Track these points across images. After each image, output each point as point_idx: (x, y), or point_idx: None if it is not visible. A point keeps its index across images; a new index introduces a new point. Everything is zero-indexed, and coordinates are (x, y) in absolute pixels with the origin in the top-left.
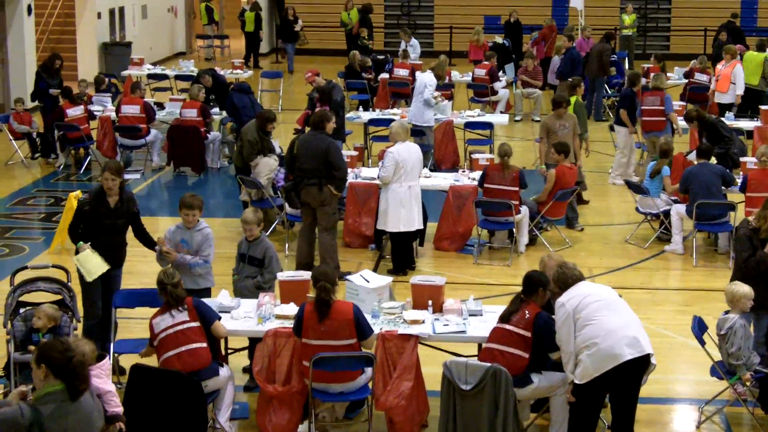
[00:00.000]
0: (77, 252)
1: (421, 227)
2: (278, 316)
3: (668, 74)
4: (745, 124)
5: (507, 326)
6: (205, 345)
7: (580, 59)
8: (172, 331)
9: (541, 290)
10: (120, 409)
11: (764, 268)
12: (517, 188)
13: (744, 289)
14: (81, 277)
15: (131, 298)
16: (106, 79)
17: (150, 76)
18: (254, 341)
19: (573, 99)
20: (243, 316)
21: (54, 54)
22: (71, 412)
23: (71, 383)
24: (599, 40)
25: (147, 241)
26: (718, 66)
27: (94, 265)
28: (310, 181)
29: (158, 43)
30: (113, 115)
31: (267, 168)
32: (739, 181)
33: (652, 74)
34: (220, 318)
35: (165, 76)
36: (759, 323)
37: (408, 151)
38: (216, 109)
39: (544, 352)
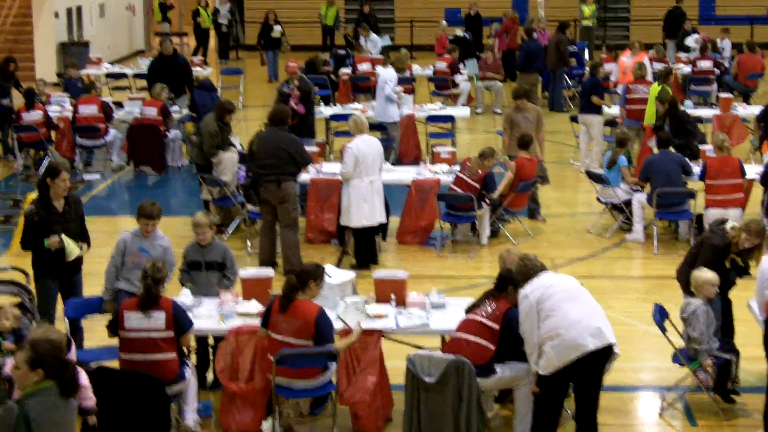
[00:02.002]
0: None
1: (384, 221)
2: (240, 314)
3: None
4: (704, 112)
5: (477, 317)
6: (175, 356)
7: (537, 51)
8: (145, 336)
9: (512, 288)
10: (92, 402)
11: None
12: (478, 186)
13: (708, 275)
14: (38, 286)
15: (80, 308)
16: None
17: (108, 75)
18: (217, 339)
19: (659, 87)
20: (205, 315)
21: (8, 57)
22: (60, 408)
23: (63, 382)
24: (555, 31)
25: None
26: (623, 58)
27: (72, 247)
28: (268, 177)
29: (117, 42)
30: (71, 115)
31: (231, 163)
32: (697, 169)
33: (634, 64)
34: (192, 326)
35: (124, 75)
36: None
37: (367, 145)
38: (176, 107)
39: (511, 345)
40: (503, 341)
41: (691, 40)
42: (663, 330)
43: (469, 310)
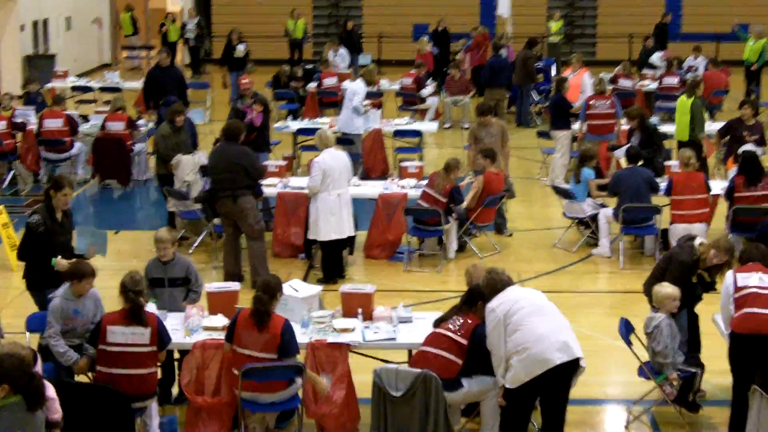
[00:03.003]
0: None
1: (353, 234)
2: (206, 328)
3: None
4: (670, 128)
5: (445, 331)
6: (155, 370)
7: (503, 67)
8: (128, 350)
9: (481, 303)
10: (59, 416)
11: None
12: (445, 200)
13: (668, 290)
14: (37, 298)
15: (43, 322)
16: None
17: (74, 89)
18: (182, 353)
19: (692, 99)
20: (170, 329)
21: None
22: (28, 422)
23: (29, 396)
24: (523, 47)
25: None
26: (566, 74)
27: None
28: (224, 192)
29: (83, 55)
30: (36, 128)
31: (189, 165)
32: (663, 185)
33: (593, 78)
34: (171, 341)
35: (89, 89)
36: (677, 322)
37: (334, 158)
38: (142, 121)
39: (479, 361)
40: (471, 357)
41: (656, 58)
42: (629, 344)
43: (437, 324)
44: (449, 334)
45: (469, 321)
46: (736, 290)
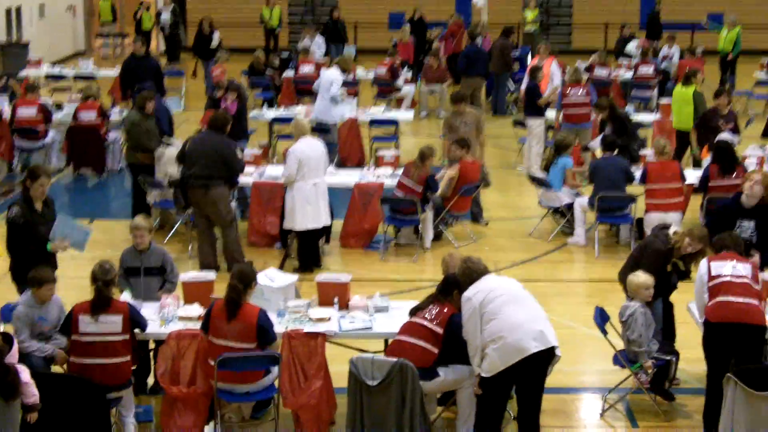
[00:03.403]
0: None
1: (329, 223)
2: (181, 318)
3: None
4: (645, 117)
5: (420, 321)
6: (129, 358)
7: (478, 56)
8: (100, 340)
9: (457, 293)
10: (35, 399)
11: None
12: (421, 189)
13: (642, 278)
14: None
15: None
16: (3, 78)
17: (48, 77)
18: (158, 344)
19: (691, 89)
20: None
21: None
22: (3, 411)
23: (3, 386)
24: (499, 36)
25: None
26: (533, 64)
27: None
28: (197, 182)
29: (57, 43)
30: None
31: (173, 159)
32: (638, 173)
33: (568, 67)
34: (148, 325)
35: (63, 77)
36: (652, 311)
37: (310, 147)
38: (116, 109)
39: (455, 350)
40: (447, 346)
41: (631, 47)
42: (604, 332)
43: (413, 314)
44: (425, 323)
45: (445, 310)
46: (710, 279)
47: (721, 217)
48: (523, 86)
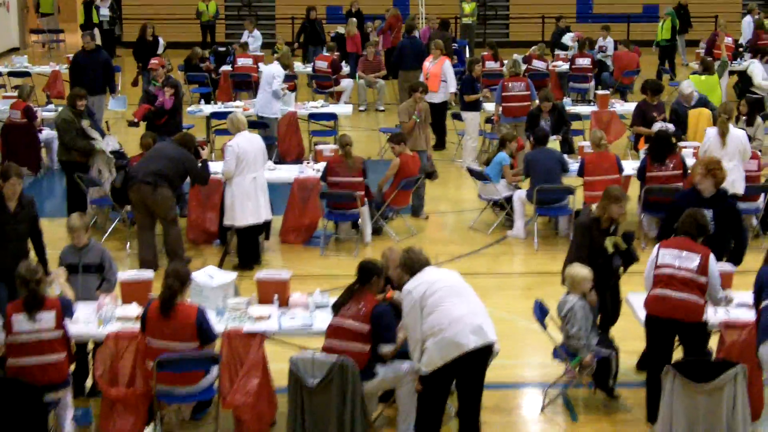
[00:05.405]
0: None
1: (269, 218)
2: (119, 318)
3: (504, 61)
4: (582, 109)
5: (343, 322)
6: (65, 355)
7: (414, 49)
8: (35, 338)
9: (376, 278)
10: None
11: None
12: (361, 179)
13: (583, 271)
14: None
15: None
16: None
17: None
18: (96, 345)
19: (715, 76)
20: (83, 319)
21: None
22: None
23: None
24: (437, 28)
25: (40, 248)
26: (426, 63)
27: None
28: (146, 178)
29: None
30: None
31: (104, 158)
32: (575, 165)
33: (506, 61)
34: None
35: None
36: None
37: (248, 141)
38: (52, 105)
39: (383, 340)
40: (375, 339)
41: (567, 38)
42: (543, 326)
43: (335, 310)
44: (349, 323)
45: (366, 303)
46: (656, 267)
47: (679, 209)
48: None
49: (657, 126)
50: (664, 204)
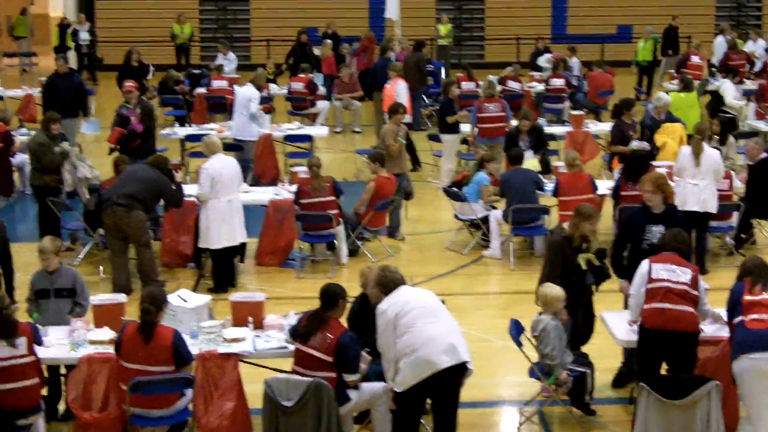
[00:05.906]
0: None
1: (244, 240)
2: (92, 342)
3: (479, 82)
4: (557, 129)
5: (308, 350)
6: (38, 380)
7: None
8: (7, 364)
9: (341, 301)
10: None
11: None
12: (333, 198)
13: (555, 291)
14: None
15: None
16: None
17: None
18: (69, 369)
19: (694, 93)
20: (56, 343)
21: None
22: None
23: None
24: (412, 50)
25: (8, 272)
26: (386, 86)
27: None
28: (120, 200)
29: None
30: None
31: (72, 179)
32: (551, 185)
33: (481, 82)
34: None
35: None
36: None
37: (223, 164)
38: (24, 129)
39: (348, 370)
40: (340, 369)
41: (543, 60)
42: (519, 345)
43: (297, 338)
44: (313, 352)
45: (330, 333)
46: (650, 281)
47: (630, 227)
48: None
49: (634, 144)
50: None
